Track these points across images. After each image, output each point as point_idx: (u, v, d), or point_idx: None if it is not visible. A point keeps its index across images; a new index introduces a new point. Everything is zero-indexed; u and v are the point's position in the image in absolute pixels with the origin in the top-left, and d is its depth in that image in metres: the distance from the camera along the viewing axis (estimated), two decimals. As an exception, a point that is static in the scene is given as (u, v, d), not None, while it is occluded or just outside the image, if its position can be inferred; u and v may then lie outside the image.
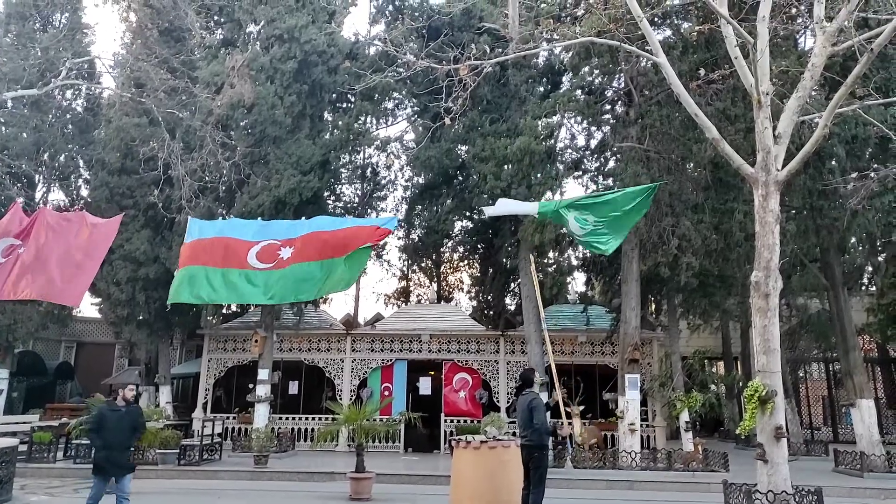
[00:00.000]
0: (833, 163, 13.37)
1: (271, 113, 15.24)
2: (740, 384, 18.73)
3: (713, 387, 16.16)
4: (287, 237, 8.21)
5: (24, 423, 15.82)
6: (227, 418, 17.57)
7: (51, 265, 8.13)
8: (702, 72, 12.27)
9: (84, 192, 19.71)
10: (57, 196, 19.99)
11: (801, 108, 9.04)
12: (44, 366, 22.53)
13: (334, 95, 17.76)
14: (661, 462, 13.48)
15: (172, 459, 12.97)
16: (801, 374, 22.85)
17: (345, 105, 18.19)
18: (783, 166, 8.95)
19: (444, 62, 9.89)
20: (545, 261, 18.42)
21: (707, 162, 12.89)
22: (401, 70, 13.57)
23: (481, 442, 7.90)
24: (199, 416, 17.18)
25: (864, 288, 20.73)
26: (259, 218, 14.89)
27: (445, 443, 16.44)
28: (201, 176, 14.11)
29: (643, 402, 16.06)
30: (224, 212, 16.70)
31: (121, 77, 16.42)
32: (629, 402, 14.11)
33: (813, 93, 10.45)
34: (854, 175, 13.22)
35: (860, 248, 17.07)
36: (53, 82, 13.53)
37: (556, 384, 8.11)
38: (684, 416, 13.94)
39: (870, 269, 18.54)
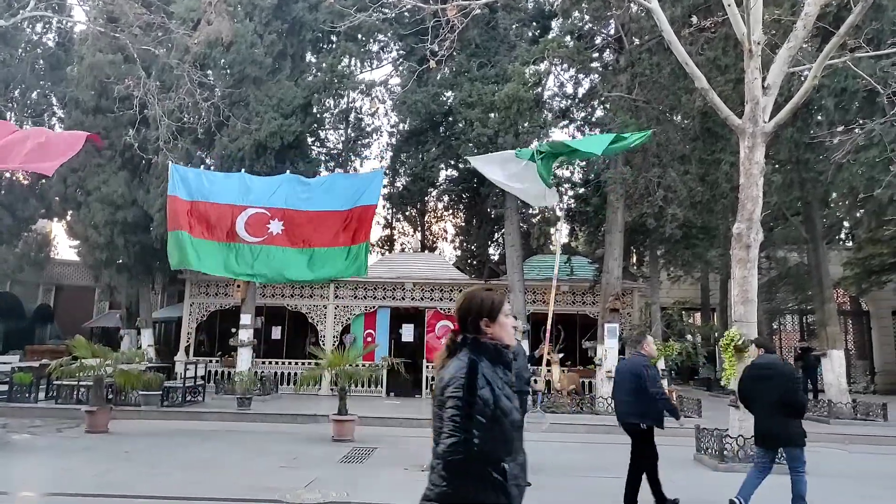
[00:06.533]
0: (821, 116, 13.29)
1: (250, 52, 14.74)
2: (717, 334, 19.14)
3: (690, 336, 16.51)
4: (275, 205, 8.63)
5: (5, 363, 15.75)
6: (210, 362, 17.67)
7: (24, 144, 8.27)
8: (694, 19, 12.01)
9: (58, 131, 19.12)
10: (30, 135, 19.37)
11: (792, 59, 8.93)
12: (22, 308, 22.40)
13: (316, 35, 17.15)
14: (637, 408, 13.82)
15: (155, 401, 13.04)
16: (775, 326, 23.41)
17: (327, 45, 17.60)
18: (771, 118, 8.89)
19: (431, 1, 9.56)
20: (531, 211, 18.41)
21: (696, 112, 12.76)
22: (386, 10, 13.12)
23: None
24: (181, 359, 17.23)
25: (841, 242, 21.09)
26: (240, 162, 14.63)
27: (427, 387, 16.73)
28: (179, 117, 13.70)
29: (621, 351, 16.37)
30: (203, 154, 16.31)
31: (93, 10, 15.66)
32: (608, 349, 14.39)
33: (804, 44, 10.28)
34: (840, 128, 13.19)
35: (841, 203, 17.23)
36: (21, 13, 12.93)
37: (548, 335, 8.24)
38: (660, 364, 14.25)
39: (847, 224, 18.78)
